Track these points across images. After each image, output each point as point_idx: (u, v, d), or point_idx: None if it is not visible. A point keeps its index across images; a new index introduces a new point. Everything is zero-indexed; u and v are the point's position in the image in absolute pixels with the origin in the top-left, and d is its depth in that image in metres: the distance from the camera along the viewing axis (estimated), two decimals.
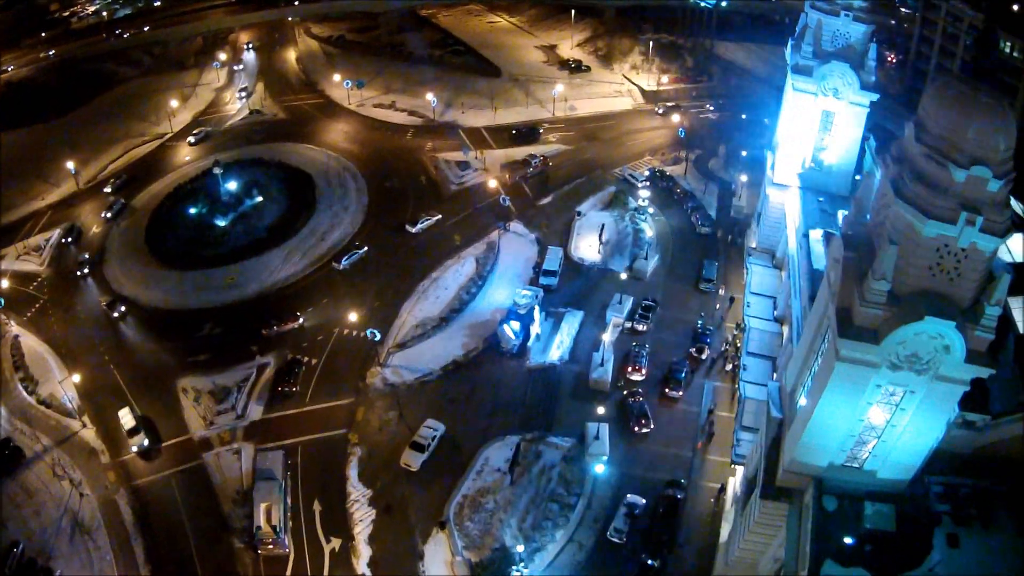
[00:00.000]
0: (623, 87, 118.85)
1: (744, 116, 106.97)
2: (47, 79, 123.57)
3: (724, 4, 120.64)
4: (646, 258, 77.15)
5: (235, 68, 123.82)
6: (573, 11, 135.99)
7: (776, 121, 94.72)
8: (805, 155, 68.45)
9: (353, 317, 71.39)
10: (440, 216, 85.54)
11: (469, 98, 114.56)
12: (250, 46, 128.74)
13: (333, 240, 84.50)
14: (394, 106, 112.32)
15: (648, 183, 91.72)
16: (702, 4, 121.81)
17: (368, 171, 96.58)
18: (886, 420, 37.75)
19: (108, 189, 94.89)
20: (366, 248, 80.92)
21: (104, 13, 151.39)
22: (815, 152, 68.44)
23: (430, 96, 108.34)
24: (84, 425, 64.96)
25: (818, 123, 66.64)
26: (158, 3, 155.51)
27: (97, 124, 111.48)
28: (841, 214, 64.28)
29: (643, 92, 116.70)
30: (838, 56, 63.83)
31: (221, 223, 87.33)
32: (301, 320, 73.42)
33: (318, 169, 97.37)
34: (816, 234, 61.39)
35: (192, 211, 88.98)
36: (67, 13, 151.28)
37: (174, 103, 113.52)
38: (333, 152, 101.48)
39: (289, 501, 58.33)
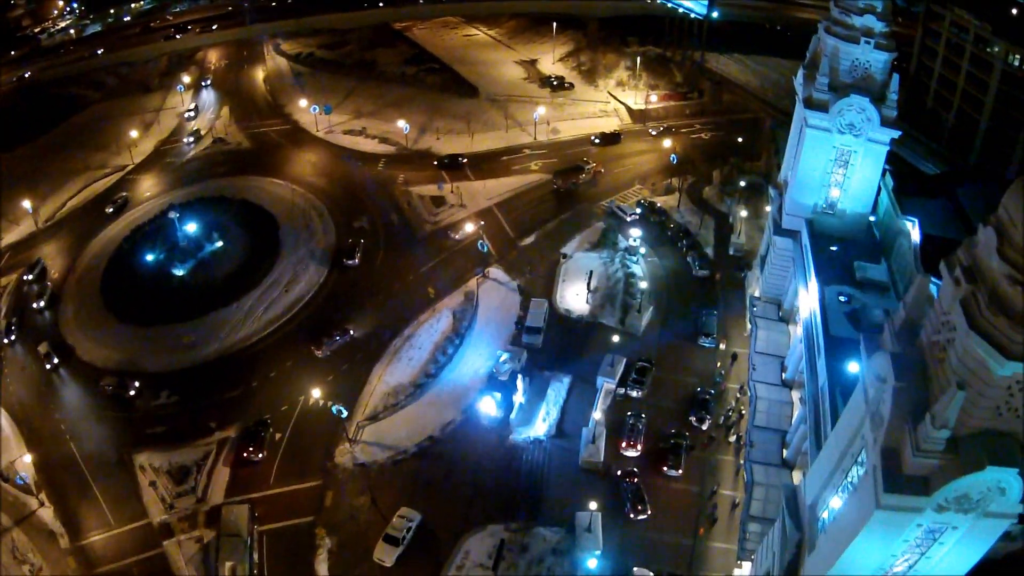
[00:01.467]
0: (609, 106, 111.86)
1: (740, 139, 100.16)
2: (11, 104, 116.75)
3: (715, 15, 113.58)
4: (639, 311, 70.15)
5: (191, 107, 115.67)
6: (554, 23, 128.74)
7: (779, 153, 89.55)
8: (816, 198, 61.73)
9: (320, 384, 64.36)
10: (350, 336, 71.43)
11: (444, 121, 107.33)
12: (207, 82, 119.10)
13: (298, 292, 77.03)
14: (364, 133, 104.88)
15: (638, 216, 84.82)
16: (692, 15, 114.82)
17: (336, 208, 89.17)
18: (921, 553, 31.77)
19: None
20: (351, 333, 71.85)
21: (72, 31, 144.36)
22: (827, 194, 61.75)
23: (402, 123, 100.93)
24: (42, 504, 58.59)
25: (832, 163, 59.92)
26: (127, 18, 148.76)
27: (58, 154, 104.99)
28: (857, 266, 58.17)
29: (630, 111, 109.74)
30: (856, 88, 56.77)
31: (179, 272, 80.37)
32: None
33: (282, 208, 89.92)
34: (833, 292, 55.06)
35: (149, 257, 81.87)
36: (38, 29, 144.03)
37: (134, 133, 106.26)
38: (299, 187, 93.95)
39: None
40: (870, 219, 63.11)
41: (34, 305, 76.26)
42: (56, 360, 69.38)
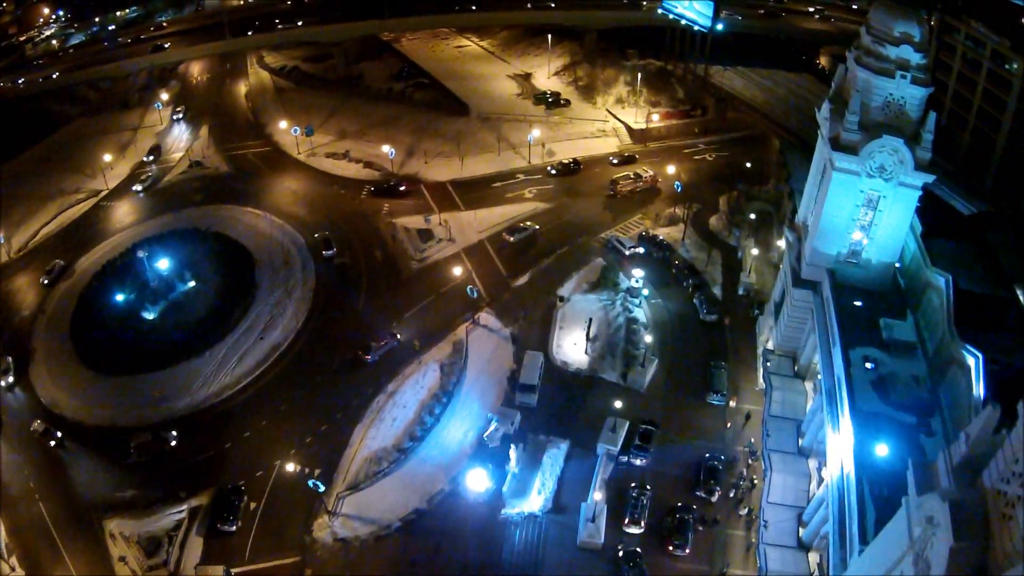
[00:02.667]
0: (607, 125, 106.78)
1: (748, 163, 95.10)
2: None
3: (720, 27, 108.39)
4: (643, 364, 65.19)
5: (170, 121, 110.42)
6: (549, 35, 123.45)
7: (791, 180, 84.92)
8: (840, 246, 56.76)
9: (298, 446, 59.91)
10: (397, 342, 70.05)
11: (433, 143, 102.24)
12: (179, 115, 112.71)
13: (274, 339, 71.96)
14: (348, 156, 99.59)
15: (640, 250, 79.88)
16: (695, 27, 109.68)
17: (317, 242, 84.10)
18: None
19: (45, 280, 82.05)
20: (398, 338, 69.45)
21: (55, 41, 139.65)
22: (851, 242, 56.80)
23: (387, 148, 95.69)
24: (13, 569, 54.72)
25: (858, 209, 54.95)
26: (112, 27, 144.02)
27: (34, 176, 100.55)
28: (884, 324, 53.41)
29: (630, 130, 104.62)
30: (889, 127, 51.70)
31: (150, 316, 75.52)
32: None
33: (259, 242, 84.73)
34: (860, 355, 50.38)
35: (119, 298, 76.90)
36: (23, 38, 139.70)
37: (107, 157, 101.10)
38: (277, 218, 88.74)
39: None
40: (895, 265, 58.38)
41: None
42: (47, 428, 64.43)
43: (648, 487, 56.72)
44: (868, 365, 50.40)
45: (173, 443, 61.77)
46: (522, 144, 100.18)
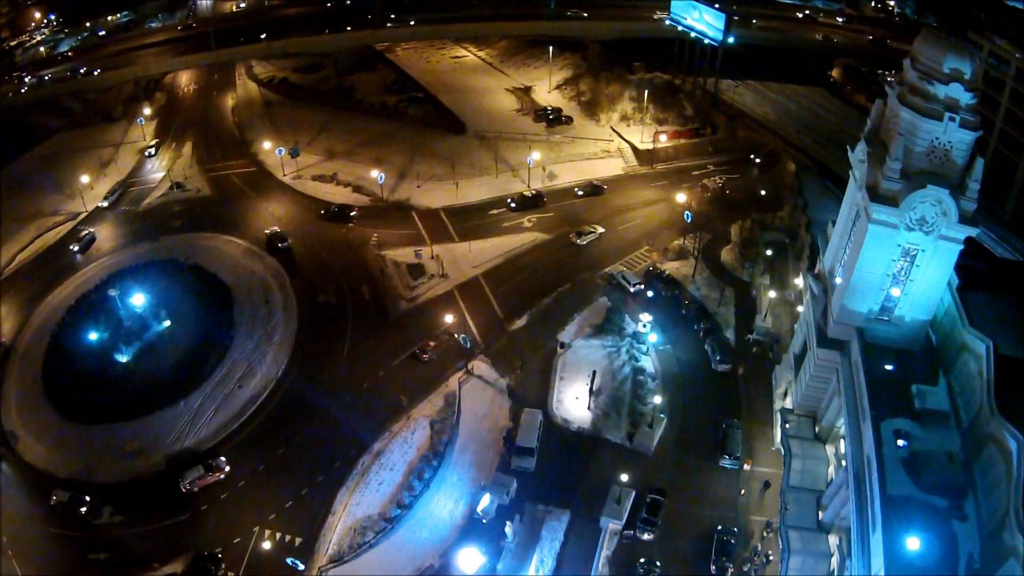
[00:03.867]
0: (612, 144, 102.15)
1: (762, 190, 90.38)
2: None
3: (731, 40, 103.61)
4: (650, 425, 60.58)
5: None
6: (550, 47, 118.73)
7: (807, 208, 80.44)
8: (871, 303, 51.99)
9: (277, 511, 55.79)
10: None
11: (427, 164, 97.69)
12: (153, 151, 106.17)
13: (252, 388, 67.24)
14: (336, 179, 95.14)
15: (646, 287, 75.32)
16: (705, 40, 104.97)
17: (299, 274, 79.64)
18: None
19: None
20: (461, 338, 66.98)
21: (43, 48, 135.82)
22: (884, 299, 52.07)
23: (376, 173, 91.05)
24: None
25: (894, 263, 50.17)
26: (102, 32, 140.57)
27: (10, 196, 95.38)
28: (916, 392, 48.79)
29: (636, 151, 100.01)
30: (933, 175, 46.55)
31: (123, 358, 71.03)
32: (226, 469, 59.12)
33: (239, 276, 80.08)
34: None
35: (93, 337, 72.43)
36: (14, 43, 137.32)
37: (85, 179, 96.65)
38: (259, 249, 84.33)
39: None
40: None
41: None
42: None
43: (656, 563, 52.24)
44: (900, 443, 45.85)
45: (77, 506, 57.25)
46: (521, 166, 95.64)
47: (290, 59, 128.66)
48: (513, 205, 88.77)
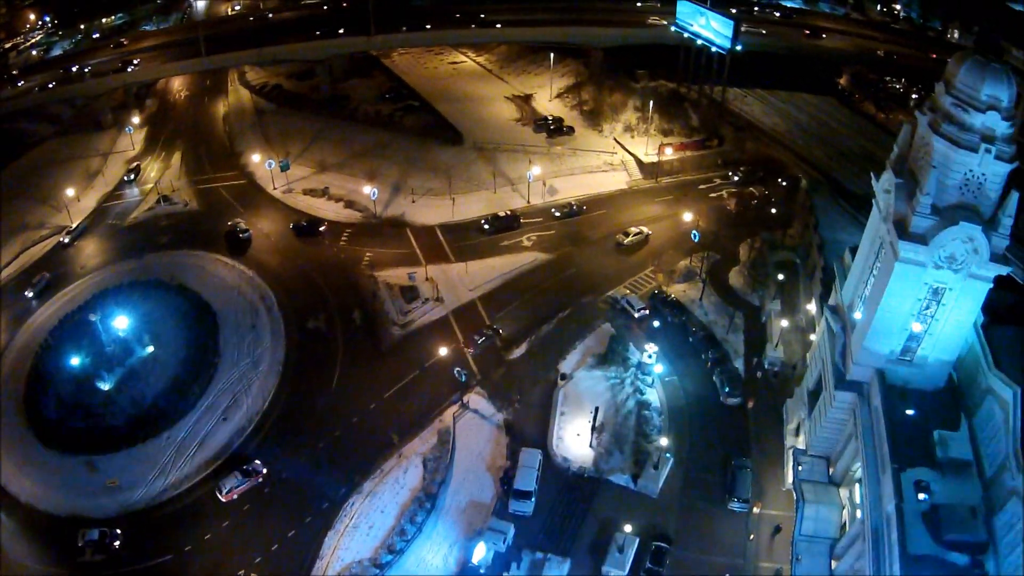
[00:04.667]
0: (615, 157, 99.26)
1: (772, 208, 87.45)
2: None
3: (739, 48, 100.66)
4: (656, 466, 57.76)
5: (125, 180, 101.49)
6: (552, 53, 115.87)
7: (820, 228, 77.68)
8: (894, 344, 49.11)
9: (263, 555, 53.35)
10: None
11: (422, 177, 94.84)
12: (131, 176, 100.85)
13: (237, 422, 64.41)
14: (327, 194, 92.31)
15: (650, 312, 72.57)
16: (712, 48, 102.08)
17: (288, 297, 76.72)
18: None
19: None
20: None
21: (35, 51, 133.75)
22: (906, 339, 49.21)
23: (368, 189, 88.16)
24: None
25: (919, 302, 47.30)
26: (96, 35, 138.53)
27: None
28: (938, 439, 46.15)
29: (640, 164, 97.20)
30: (965, 209, 43.53)
31: (104, 386, 68.28)
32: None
33: (225, 299, 77.25)
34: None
35: (74, 362, 69.80)
36: (8, 45, 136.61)
37: (71, 192, 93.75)
38: (247, 269, 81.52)
39: None
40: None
41: None
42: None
43: None
44: (921, 496, 43.25)
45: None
46: (520, 179, 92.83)
47: (283, 65, 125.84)
48: (487, 227, 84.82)
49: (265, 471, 59.00)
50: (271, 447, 61.98)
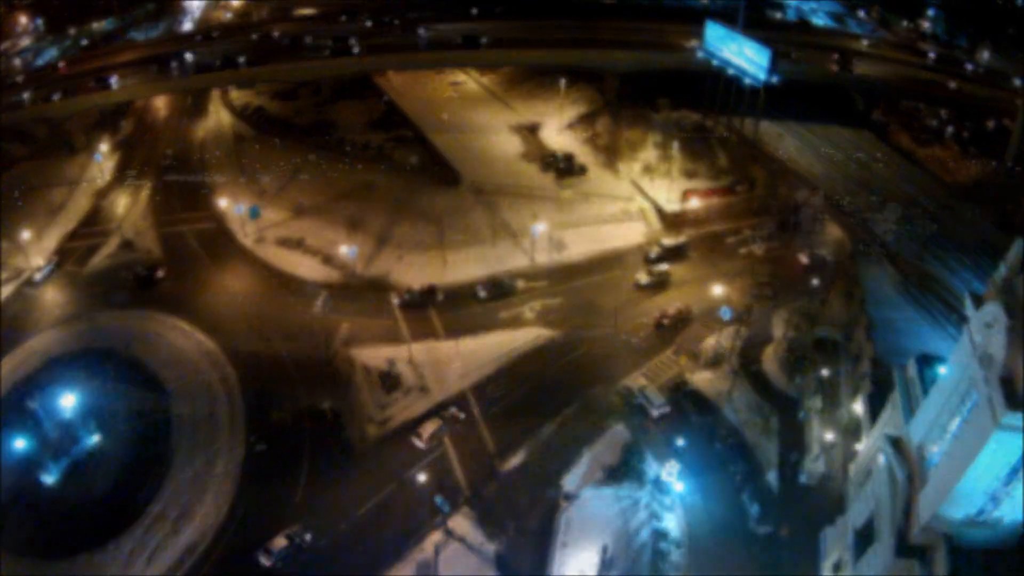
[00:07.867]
0: (632, 204, 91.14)
1: (806, 271, 79.20)
2: None
3: (775, 80, 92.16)
4: None
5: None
6: (563, 79, 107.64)
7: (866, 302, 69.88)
8: (970, 508, 41.24)
9: None
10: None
11: (411, 227, 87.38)
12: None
13: (189, 535, 57.13)
14: (303, 245, 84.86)
15: (671, 412, 64.59)
16: (746, 79, 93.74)
17: (250, 380, 69.12)
18: None
19: None
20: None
21: (17, 61, 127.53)
22: (985, 504, 41.30)
23: (346, 249, 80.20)
24: None
25: (1010, 468, 39.24)
26: (85, 41, 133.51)
27: None
28: None
29: (661, 213, 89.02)
30: None
31: (49, 479, 61.72)
32: None
33: (182, 377, 70.16)
34: None
35: (19, 446, 62.48)
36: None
37: (26, 235, 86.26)
38: (208, 339, 74.10)
39: None
40: None
41: None
42: None
43: None
44: None
45: None
46: (524, 231, 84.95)
47: (267, 83, 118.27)
48: (483, 295, 77.09)
49: None
50: (225, 572, 54.75)
